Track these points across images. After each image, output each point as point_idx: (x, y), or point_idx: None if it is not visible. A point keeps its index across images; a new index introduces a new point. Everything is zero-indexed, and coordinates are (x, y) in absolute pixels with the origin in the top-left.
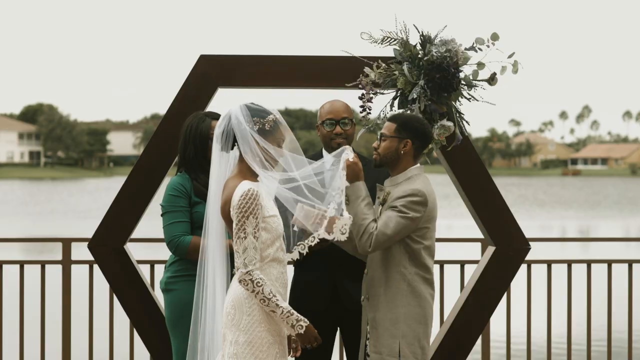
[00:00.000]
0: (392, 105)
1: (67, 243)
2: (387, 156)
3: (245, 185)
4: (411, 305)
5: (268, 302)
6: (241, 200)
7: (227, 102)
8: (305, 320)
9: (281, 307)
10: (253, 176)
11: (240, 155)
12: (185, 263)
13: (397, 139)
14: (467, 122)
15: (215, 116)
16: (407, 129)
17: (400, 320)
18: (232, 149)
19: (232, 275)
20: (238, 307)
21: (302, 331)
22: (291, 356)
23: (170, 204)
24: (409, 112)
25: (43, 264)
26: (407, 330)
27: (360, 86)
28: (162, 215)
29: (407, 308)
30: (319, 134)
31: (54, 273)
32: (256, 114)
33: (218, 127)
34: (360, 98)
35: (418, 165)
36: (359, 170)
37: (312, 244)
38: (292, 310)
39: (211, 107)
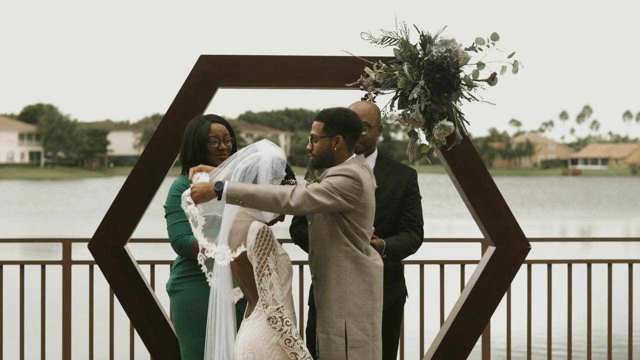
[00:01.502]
0: (392, 105)
1: (67, 243)
2: (322, 156)
3: (257, 225)
4: (356, 282)
5: (293, 344)
6: (258, 239)
7: (228, 102)
8: None
9: (304, 351)
10: (258, 217)
11: None
12: (190, 264)
13: (328, 138)
14: (467, 122)
15: (215, 119)
16: (334, 124)
17: (346, 299)
18: None
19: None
20: (257, 351)
21: None
22: None
23: (174, 205)
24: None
25: (43, 264)
26: (353, 307)
27: (360, 86)
28: (165, 216)
29: (353, 285)
30: None
31: (54, 273)
32: (282, 174)
33: (243, 162)
34: (364, 99)
35: (355, 156)
36: (203, 188)
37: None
38: (312, 358)
39: (211, 106)
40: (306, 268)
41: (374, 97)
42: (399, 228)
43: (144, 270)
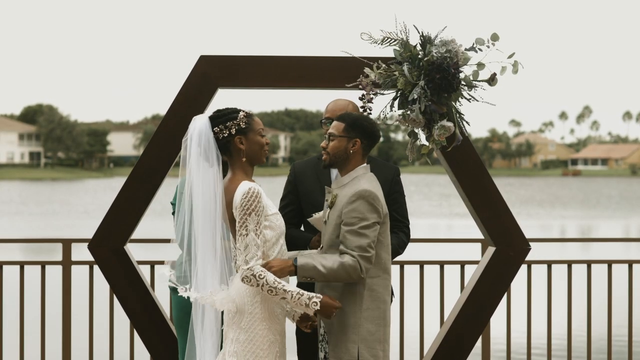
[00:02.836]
0: (392, 106)
1: (67, 244)
2: (336, 156)
3: (245, 185)
4: (370, 309)
5: (276, 291)
6: (243, 199)
7: (227, 102)
8: (318, 295)
9: (290, 291)
10: (249, 176)
11: (230, 159)
12: None
13: (346, 139)
14: (467, 122)
15: None
16: (355, 128)
17: (359, 325)
18: (221, 158)
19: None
20: (240, 305)
21: (317, 307)
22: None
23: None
24: (409, 111)
25: (43, 264)
26: (366, 334)
27: (360, 86)
28: (173, 213)
29: (367, 312)
30: None
31: (54, 274)
32: (227, 118)
33: (197, 146)
34: (361, 98)
35: (365, 165)
36: (281, 267)
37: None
38: (302, 291)
39: (211, 107)
40: None
41: (371, 99)
42: None
43: (144, 271)
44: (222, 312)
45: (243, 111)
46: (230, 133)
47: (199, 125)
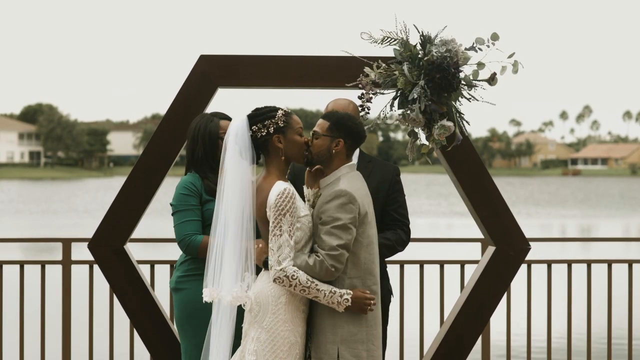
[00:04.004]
0: (392, 105)
1: (67, 243)
2: (319, 154)
3: (280, 185)
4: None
5: (309, 290)
6: (278, 199)
7: (227, 102)
8: (348, 291)
9: (322, 290)
10: (283, 176)
11: (267, 157)
12: (195, 262)
13: (330, 138)
14: (467, 122)
15: (222, 116)
16: (339, 127)
17: (339, 325)
18: (259, 158)
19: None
20: (263, 305)
21: (349, 304)
22: None
23: (181, 203)
24: (409, 111)
25: (43, 264)
26: (347, 334)
27: (360, 86)
28: (172, 214)
29: (346, 312)
30: None
31: (54, 273)
32: (265, 117)
33: (234, 144)
34: (360, 98)
35: (350, 163)
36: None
37: None
38: (334, 288)
39: (211, 107)
40: None
41: (371, 98)
42: (384, 227)
43: (144, 270)
44: (242, 311)
45: (282, 109)
46: (268, 132)
47: (237, 124)
